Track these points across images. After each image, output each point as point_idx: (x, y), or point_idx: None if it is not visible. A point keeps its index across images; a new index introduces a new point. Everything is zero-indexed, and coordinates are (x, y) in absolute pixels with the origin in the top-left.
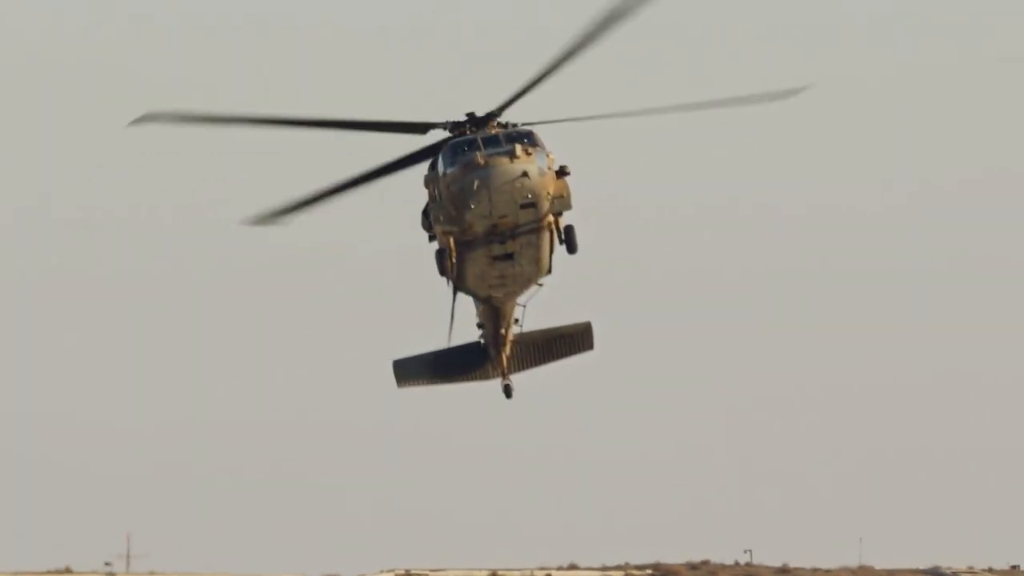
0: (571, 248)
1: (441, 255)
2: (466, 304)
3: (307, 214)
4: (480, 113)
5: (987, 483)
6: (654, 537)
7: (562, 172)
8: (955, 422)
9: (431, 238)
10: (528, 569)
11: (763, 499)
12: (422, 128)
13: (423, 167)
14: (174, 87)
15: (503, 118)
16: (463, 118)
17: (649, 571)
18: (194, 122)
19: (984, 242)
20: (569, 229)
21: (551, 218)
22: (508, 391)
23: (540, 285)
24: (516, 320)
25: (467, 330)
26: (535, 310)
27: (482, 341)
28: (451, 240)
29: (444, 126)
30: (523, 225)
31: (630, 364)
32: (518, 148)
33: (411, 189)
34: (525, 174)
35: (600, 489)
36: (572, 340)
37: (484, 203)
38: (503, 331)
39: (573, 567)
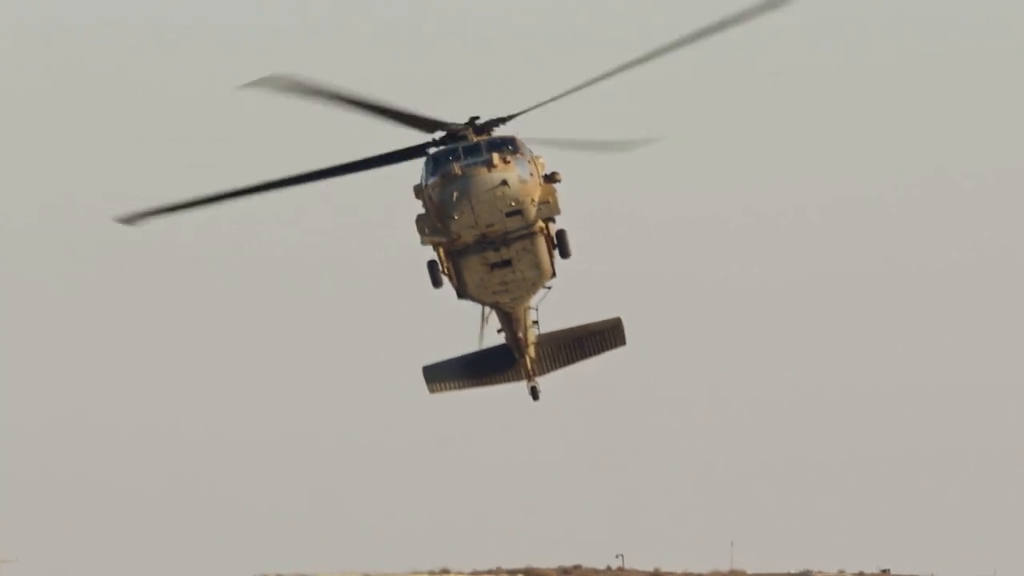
0: (564, 253)
1: (433, 266)
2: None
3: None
4: (483, 119)
5: (857, 486)
6: (526, 541)
7: (551, 178)
8: (825, 426)
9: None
10: (400, 572)
11: (635, 503)
12: (430, 125)
13: (404, 167)
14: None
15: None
16: (464, 121)
17: (521, 575)
18: (307, 93)
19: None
20: (561, 234)
21: (542, 223)
22: (535, 393)
23: (548, 288)
24: (535, 322)
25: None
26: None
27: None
28: (441, 251)
29: (446, 127)
30: (513, 232)
31: None
32: (495, 157)
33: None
34: (504, 182)
35: (473, 492)
36: (603, 336)
37: (467, 213)
38: (520, 335)
39: (445, 571)
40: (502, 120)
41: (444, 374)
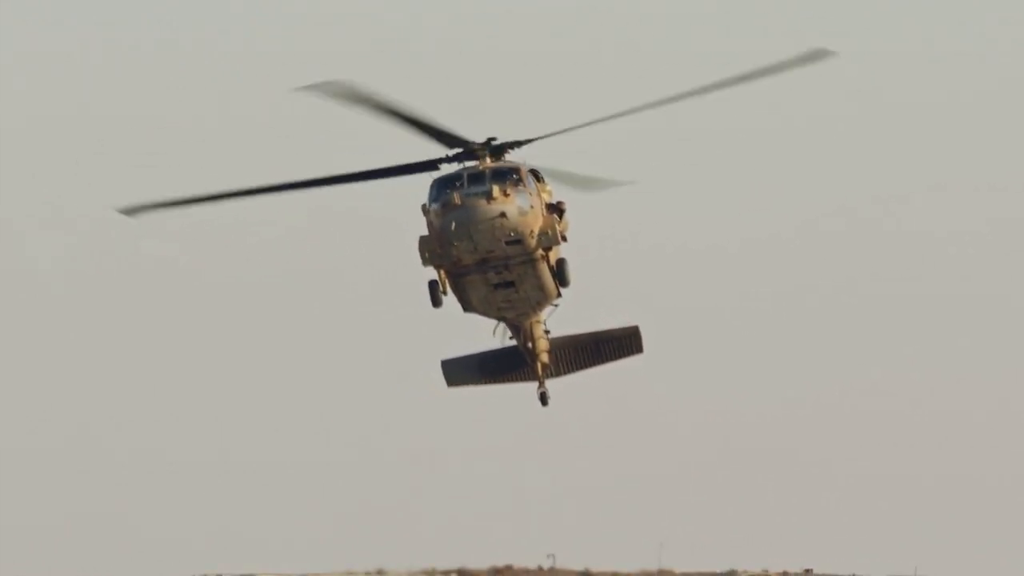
0: (563, 282)
1: (433, 286)
2: None
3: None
4: (500, 140)
5: (782, 486)
6: (458, 541)
7: (555, 208)
8: (750, 428)
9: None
10: (335, 572)
11: (566, 503)
12: (450, 140)
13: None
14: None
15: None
16: (481, 141)
17: (454, 575)
18: (361, 102)
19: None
20: (561, 263)
21: (542, 251)
22: (544, 399)
23: (555, 305)
24: (547, 331)
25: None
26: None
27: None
28: (442, 272)
29: (464, 144)
30: (514, 257)
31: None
32: (495, 189)
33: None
34: (503, 215)
35: (406, 493)
36: (620, 343)
37: (466, 241)
38: (529, 345)
39: (380, 572)
40: (519, 143)
41: (462, 369)
